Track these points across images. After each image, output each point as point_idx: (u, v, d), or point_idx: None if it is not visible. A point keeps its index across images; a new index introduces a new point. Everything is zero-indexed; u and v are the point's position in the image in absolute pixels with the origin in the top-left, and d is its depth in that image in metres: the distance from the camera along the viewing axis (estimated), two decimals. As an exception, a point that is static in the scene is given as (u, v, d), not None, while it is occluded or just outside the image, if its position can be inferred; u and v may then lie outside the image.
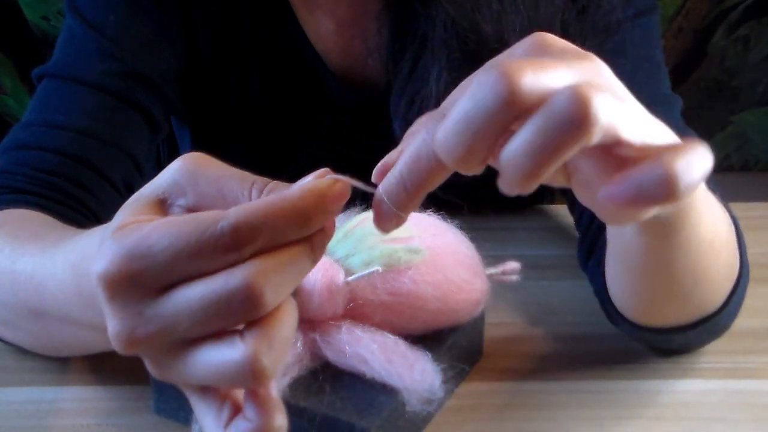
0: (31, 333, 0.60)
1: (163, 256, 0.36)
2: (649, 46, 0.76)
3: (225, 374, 0.36)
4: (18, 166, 0.70)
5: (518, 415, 0.62)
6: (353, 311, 0.59)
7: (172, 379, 0.39)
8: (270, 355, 0.36)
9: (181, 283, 0.36)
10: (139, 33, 0.77)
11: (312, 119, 0.85)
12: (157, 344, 0.37)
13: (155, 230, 0.36)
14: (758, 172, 2.42)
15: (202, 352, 0.37)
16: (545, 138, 0.34)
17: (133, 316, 0.37)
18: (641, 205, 0.36)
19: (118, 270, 0.36)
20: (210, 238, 0.35)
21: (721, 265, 0.61)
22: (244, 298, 0.35)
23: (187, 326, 0.36)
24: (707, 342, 0.69)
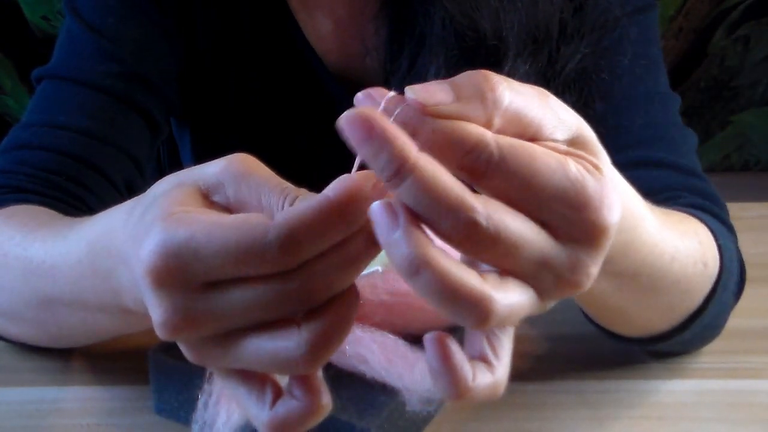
0: (38, 323, 0.60)
1: (210, 260, 0.36)
2: (646, 43, 0.77)
3: (279, 362, 0.37)
4: (19, 165, 0.70)
5: (518, 415, 0.62)
6: (353, 311, 0.59)
7: (213, 365, 0.39)
8: (326, 346, 0.37)
9: (231, 282, 0.37)
10: (138, 34, 0.77)
11: (311, 119, 0.85)
12: (204, 333, 0.38)
13: (204, 230, 0.36)
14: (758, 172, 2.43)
15: (254, 340, 0.37)
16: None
17: (181, 308, 0.37)
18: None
19: (165, 264, 0.36)
20: (258, 250, 0.35)
21: (650, 307, 0.60)
22: (300, 299, 0.36)
23: (241, 322, 0.37)
24: (701, 345, 0.69)
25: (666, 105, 0.76)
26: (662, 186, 0.71)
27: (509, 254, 0.35)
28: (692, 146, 0.75)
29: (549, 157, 0.36)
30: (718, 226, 0.66)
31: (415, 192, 0.34)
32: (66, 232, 0.52)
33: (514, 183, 0.35)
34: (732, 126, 2.37)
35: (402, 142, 0.34)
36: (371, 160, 0.34)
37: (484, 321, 0.35)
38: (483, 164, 0.35)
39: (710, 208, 0.69)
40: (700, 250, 0.60)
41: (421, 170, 0.34)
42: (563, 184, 0.36)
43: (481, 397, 0.37)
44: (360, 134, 0.34)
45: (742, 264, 0.68)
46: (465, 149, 0.35)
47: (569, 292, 0.38)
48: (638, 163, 0.72)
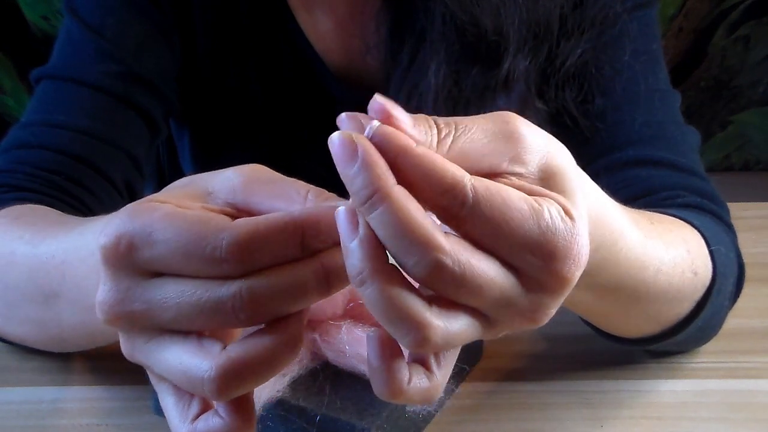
0: (40, 323, 0.60)
1: (160, 248, 0.36)
2: (646, 39, 0.76)
3: (188, 379, 0.37)
4: (18, 164, 0.70)
5: (518, 415, 0.62)
6: (353, 311, 0.59)
7: (140, 362, 0.39)
8: (237, 379, 0.36)
9: (175, 275, 0.37)
10: (137, 34, 0.77)
11: (311, 118, 0.85)
12: (136, 323, 0.38)
13: (163, 219, 0.37)
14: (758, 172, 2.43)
15: (174, 348, 0.37)
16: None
17: (121, 290, 0.38)
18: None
19: (116, 244, 0.37)
20: (207, 249, 0.36)
21: (638, 315, 0.60)
22: (231, 311, 0.36)
23: (171, 317, 0.37)
24: (698, 345, 0.69)
25: (666, 102, 0.76)
26: (661, 185, 0.71)
27: (473, 294, 0.36)
28: (692, 144, 0.75)
29: (523, 203, 0.36)
30: (713, 228, 0.66)
31: (385, 222, 0.34)
32: (81, 228, 0.53)
33: (485, 228, 0.35)
34: (732, 126, 2.37)
35: (381, 171, 0.34)
36: (348, 182, 0.34)
37: (421, 346, 0.35)
38: (457, 206, 0.35)
39: (709, 207, 0.69)
40: (689, 258, 0.60)
41: (394, 201, 0.34)
42: (533, 233, 0.36)
43: (413, 400, 0.37)
44: (343, 154, 0.34)
45: (741, 263, 0.68)
46: (441, 189, 0.35)
47: (525, 327, 0.38)
48: (638, 162, 0.72)
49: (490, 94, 0.73)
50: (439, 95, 0.72)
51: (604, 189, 0.47)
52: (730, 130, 2.37)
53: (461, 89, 0.72)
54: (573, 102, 0.75)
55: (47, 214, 0.64)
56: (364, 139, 0.34)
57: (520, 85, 0.73)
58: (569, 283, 0.37)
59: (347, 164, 0.34)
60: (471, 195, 0.35)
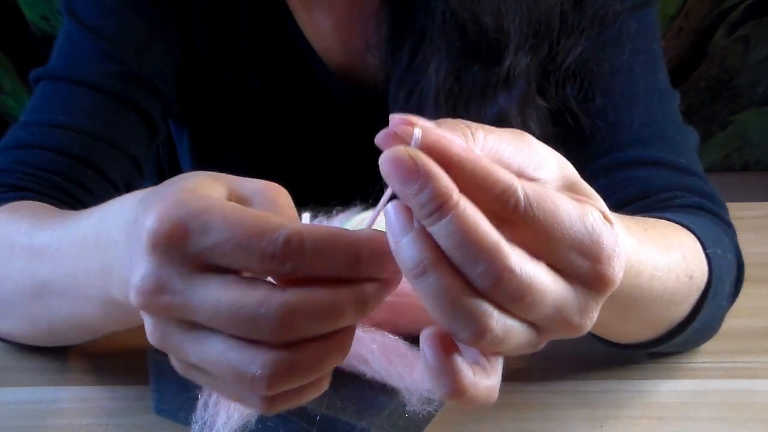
0: (30, 317, 0.60)
1: (215, 238, 0.36)
2: (646, 39, 0.77)
3: (235, 375, 0.36)
4: (17, 164, 0.70)
5: (518, 415, 0.62)
6: (353, 311, 0.59)
7: (172, 351, 0.39)
8: (288, 378, 0.36)
9: (220, 270, 0.36)
10: (136, 34, 0.77)
11: (311, 118, 0.85)
12: (172, 314, 0.37)
13: (220, 210, 0.36)
14: (758, 172, 2.43)
15: (219, 342, 0.37)
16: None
17: (163, 280, 0.37)
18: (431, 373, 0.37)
19: (169, 228, 0.36)
20: (264, 242, 0.35)
21: (634, 321, 0.60)
22: (272, 325, 0.35)
23: (207, 318, 0.36)
24: (697, 345, 0.69)
25: (666, 102, 0.76)
26: (660, 186, 0.71)
27: (533, 304, 0.35)
28: (691, 144, 0.75)
29: (570, 206, 0.36)
30: (711, 229, 0.66)
31: (453, 232, 0.34)
32: (77, 217, 0.53)
33: (537, 231, 0.35)
34: (732, 126, 2.37)
35: (446, 181, 0.34)
36: (409, 198, 0.34)
37: (480, 337, 0.35)
38: (509, 210, 0.35)
39: (708, 206, 0.69)
40: (684, 263, 0.60)
41: (462, 210, 0.34)
42: (581, 234, 0.36)
43: (478, 397, 0.37)
44: (402, 171, 0.34)
45: (740, 262, 0.68)
46: (494, 193, 0.35)
47: (570, 334, 0.38)
48: (637, 163, 0.72)
49: (491, 92, 0.73)
50: (440, 93, 0.72)
51: (604, 190, 0.47)
52: (730, 130, 2.37)
53: (462, 87, 0.72)
54: (574, 100, 0.75)
55: (46, 208, 0.64)
56: (421, 154, 0.34)
57: (521, 83, 0.73)
58: (614, 283, 0.37)
59: (408, 181, 0.33)
60: (523, 198, 0.35)
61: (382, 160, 0.34)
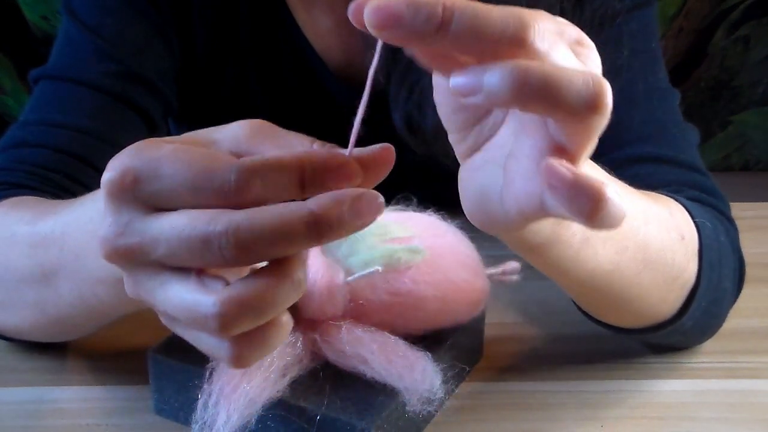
0: (37, 305, 0.59)
1: (167, 181, 0.37)
2: (646, 38, 0.77)
3: (192, 316, 0.37)
4: (17, 163, 0.70)
5: (518, 415, 0.62)
6: (353, 311, 0.59)
7: (144, 299, 0.39)
8: (241, 314, 0.36)
9: (175, 209, 0.37)
10: (135, 34, 0.77)
11: (311, 117, 0.85)
12: (135, 259, 0.38)
13: (171, 154, 0.37)
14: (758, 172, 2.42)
15: (177, 285, 0.37)
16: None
17: (121, 224, 0.38)
18: (568, 201, 0.36)
19: (121, 178, 0.37)
20: (216, 181, 0.36)
21: (649, 283, 0.59)
22: (219, 248, 0.35)
23: (164, 252, 0.37)
24: (702, 336, 0.69)
25: (666, 101, 0.76)
26: (662, 181, 0.71)
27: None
28: (692, 141, 0.75)
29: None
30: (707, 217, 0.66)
31: (469, 24, 0.34)
32: (82, 200, 0.53)
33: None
34: (732, 126, 2.37)
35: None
36: (411, 28, 0.34)
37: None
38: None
39: (710, 201, 0.69)
40: (672, 221, 0.60)
41: (461, 3, 0.34)
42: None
43: (614, 211, 0.36)
44: (391, 11, 0.35)
45: (740, 258, 0.68)
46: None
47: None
48: (638, 159, 0.72)
49: None
50: None
51: None
52: (730, 130, 2.37)
53: None
54: None
55: (47, 200, 0.64)
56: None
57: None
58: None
59: (400, 16, 0.34)
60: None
61: (367, 13, 0.36)
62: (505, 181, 0.41)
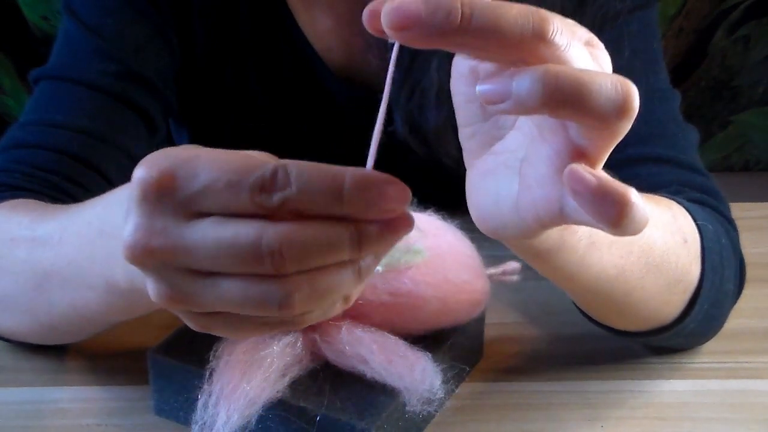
0: (30, 311, 0.60)
1: (204, 181, 0.36)
2: (646, 39, 0.77)
3: (258, 304, 0.36)
4: (16, 164, 0.70)
5: (518, 415, 0.62)
6: (353, 311, 0.58)
7: (184, 302, 0.38)
8: (310, 304, 0.36)
9: (211, 215, 0.36)
10: (135, 34, 0.77)
11: (311, 118, 0.85)
12: (168, 262, 0.37)
13: (207, 156, 0.36)
14: (758, 172, 2.42)
15: (231, 283, 0.36)
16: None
17: (155, 226, 0.36)
18: (593, 206, 0.36)
19: (158, 178, 0.36)
20: (252, 177, 0.35)
21: (653, 286, 0.59)
22: (270, 255, 0.35)
23: (207, 258, 0.36)
24: (704, 336, 0.69)
25: (666, 102, 0.76)
26: (663, 182, 0.71)
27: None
28: (693, 142, 0.75)
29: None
30: (708, 219, 0.66)
31: (489, 19, 0.34)
32: (81, 206, 0.53)
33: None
34: (732, 126, 2.37)
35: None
36: (430, 26, 0.34)
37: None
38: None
39: (710, 202, 0.69)
40: (675, 223, 0.60)
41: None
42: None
43: (638, 215, 0.35)
44: (410, 11, 0.34)
45: (741, 259, 0.68)
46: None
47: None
48: (638, 160, 0.72)
49: None
50: (441, 92, 0.72)
51: None
52: (730, 130, 2.37)
53: None
54: None
55: (46, 204, 0.64)
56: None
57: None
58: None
59: (419, 17, 0.34)
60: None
61: (385, 15, 0.35)
62: (521, 187, 0.40)
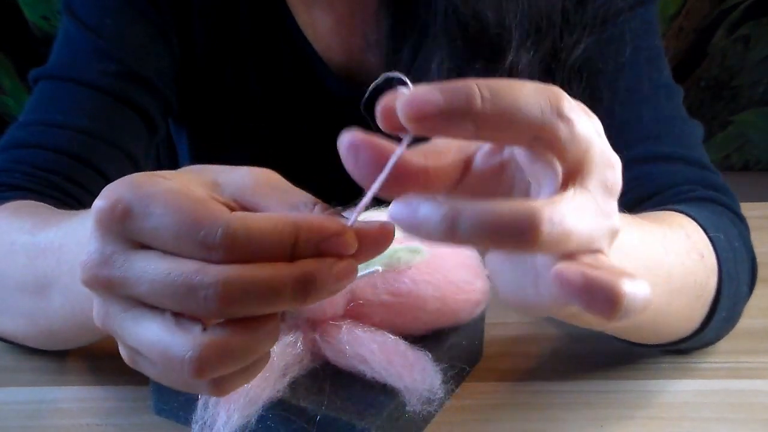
0: (30, 315, 0.60)
1: (155, 221, 0.36)
2: (648, 35, 0.77)
3: (166, 357, 0.36)
4: (16, 164, 0.70)
5: (518, 415, 0.62)
6: (353, 311, 0.59)
7: (112, 330, 0.39)
8: (219, 360, 0.36)
9: (160, 249, 0.37)
10: (135, 34, 0.77)
11: (311, 117, 0.85)
12: (114, 290, 0.38)
13: (163, 196, 0.37)
14: (758, 172, 2.42)
15: (153, 323, 0.37)
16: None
17: (105, 254, 0.38)
18: (584, 304, 0.34)
19: (112, 207, 0.37)
20: (201, 233, 0.36)
21: (676, 309, 0.60)
22: (204, 300, 0.35)
23: (145, 291, 0.37)
24: (719, 339, 0.69)
25: (671, 97, 0.76)
26: (674, 181, 0.71)
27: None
28: (699, 138, 0.76)
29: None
30: (718, 219, 0.66)
31: (505, 98, 0.35)
32: (84, 215, 0.53)
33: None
34: (732, 126, 2.37)
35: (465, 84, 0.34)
36: (448, 113, 0.34)
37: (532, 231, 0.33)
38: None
39: (722, 200, 0.70)
40: (689, 242, 0.60)
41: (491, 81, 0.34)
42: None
43: (635, 303, 0.34)
44: (428, 99, 0.34)
45: (752, 257, 0.68)
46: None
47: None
48: (648, 158, 0.72)
49: None
50: None
51: None
52: (730, 130, 2.37)
53: None
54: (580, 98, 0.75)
55: (48, 207, 0.64)
56: (426, 93, 0.34)
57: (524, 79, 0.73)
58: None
59: (446, 100, 0.34)
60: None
61: (404, 108, 0.34)
62: (536, 271, 0.40)
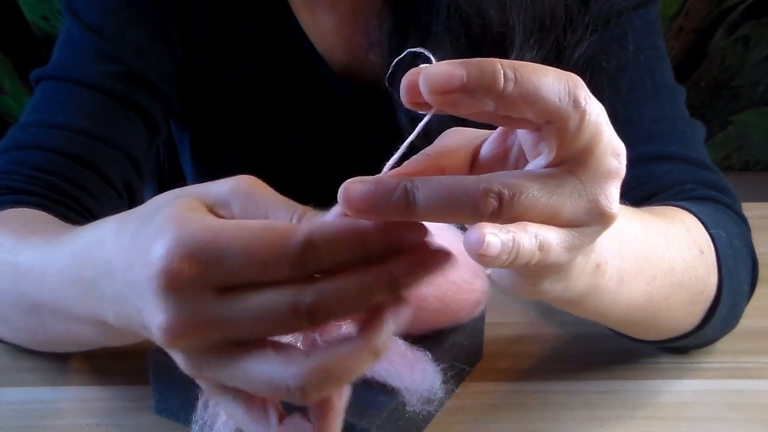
0: (27, 330, 0.60)
1: (234, 261, 0.35)
2: (650, 35, 0.77)
3: (272, 387, 0.37)
4: (17, 166, 0.70)
5: (518, 415, 0.62)
6: (353, 311, 0.58)
7: (209, 378, 0.38)
8: (326, 383, 0.36)
9: (245, 287, 0.36)
10: (137, 35, 0.77)
11: (313, 117, 0.85)
12: (207, 342, 0.37)
13: (226, 231, 0.36)
14: (758, 172, 2.42)
15: (254, 359, 0.37)
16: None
17: (188, 313, 0.36)
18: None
19: (181, 267, 0.36)
20: (282, 252, 0.35)
21: (677, 303, 0.60)
22: (310, 315, 0.36)
23: (248, 330, 0.36)
24: (719, 338, 0.69)
25: (673, 98, 0.76)
26: (676, 180, 0.71)
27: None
28: (700, 138, 0.76)
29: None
30: (720, 217, 0.66)
31: (529, 79, 0.35)
32: (55, 241, 0.52)
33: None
34: (732, 126, 2.37)
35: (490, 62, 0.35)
36: (473, 88, 0.35)
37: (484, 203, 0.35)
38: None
39: (723, 200, 0.70)
40: (690, 237, 0.61)
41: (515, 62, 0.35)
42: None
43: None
44: (454, 73, 0.35)
45: (754, 257, 0.68)
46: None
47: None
48: (650, 158, 0.72)
49: None
50: None
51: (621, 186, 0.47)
52: (730, 130, 2.37)
53: None
54: None
55: (32, 221, 0.63)
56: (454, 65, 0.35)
57: None
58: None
59: (472, 77, 0.35)
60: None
61: (426, 79, 0.35)
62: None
